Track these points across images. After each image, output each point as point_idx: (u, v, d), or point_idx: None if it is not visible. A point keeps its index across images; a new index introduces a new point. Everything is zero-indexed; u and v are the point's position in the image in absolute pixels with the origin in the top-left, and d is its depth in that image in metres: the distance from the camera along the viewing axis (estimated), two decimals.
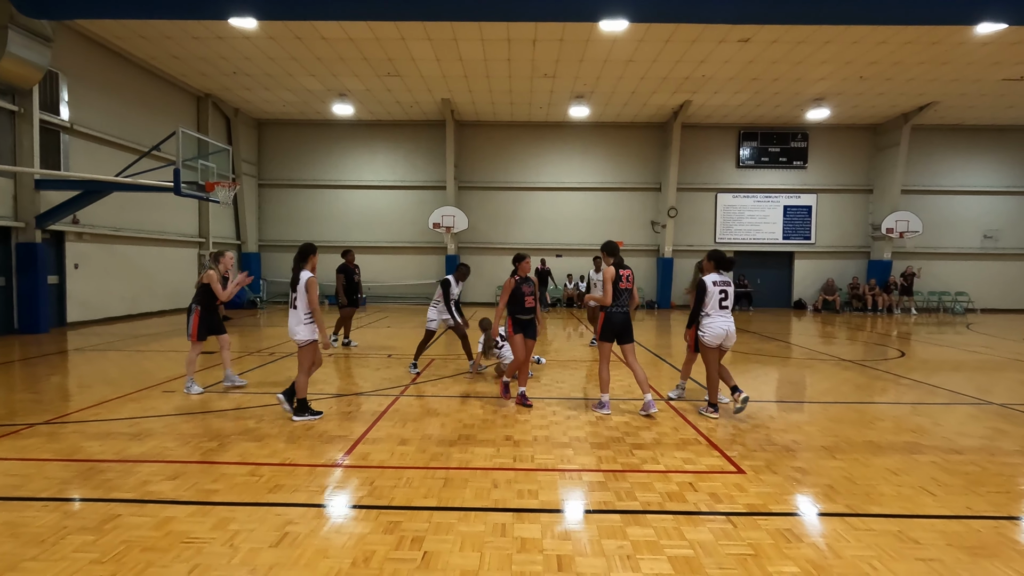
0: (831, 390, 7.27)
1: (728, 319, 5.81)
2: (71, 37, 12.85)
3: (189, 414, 5.74)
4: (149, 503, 3.60)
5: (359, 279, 10.45)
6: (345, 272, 10.18)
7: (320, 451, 4.64)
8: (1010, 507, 3.72)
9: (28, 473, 4.10)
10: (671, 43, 13.43)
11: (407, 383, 7.32)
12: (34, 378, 7.47)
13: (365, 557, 2.97)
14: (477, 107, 18.94)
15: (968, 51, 13.65)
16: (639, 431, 5.30)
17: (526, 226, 21.11)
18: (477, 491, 3.86)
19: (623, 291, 5.88)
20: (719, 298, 5.77)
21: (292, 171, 21.10)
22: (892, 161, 19.72)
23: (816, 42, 13.26)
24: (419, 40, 13.45)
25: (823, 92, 16.83)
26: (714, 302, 5.77)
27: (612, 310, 5.84)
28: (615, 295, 5.83)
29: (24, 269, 11.63)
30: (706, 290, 5.78)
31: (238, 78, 16.20)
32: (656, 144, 20.78)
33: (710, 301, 5.79)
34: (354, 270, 10.32)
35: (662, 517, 3.48)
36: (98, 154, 13.69)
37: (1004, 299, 20.81)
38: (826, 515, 3.56)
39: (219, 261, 6.84)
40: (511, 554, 3.02)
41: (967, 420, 5.85)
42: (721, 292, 5.77)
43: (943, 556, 3.05)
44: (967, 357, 10.14)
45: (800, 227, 21.06)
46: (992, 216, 20.74)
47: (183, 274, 17.32)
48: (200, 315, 6.64)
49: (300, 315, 5.53)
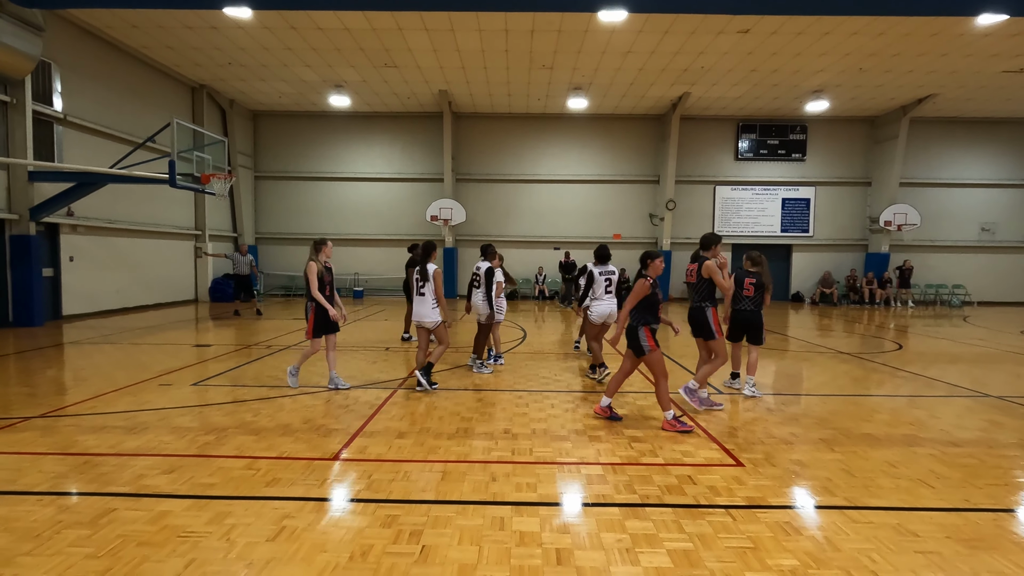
0: (829, 383, 7.28)
1: (612, 303, 7.02)
2: (63, 27, 12.69)
3: (185, 407, 5.71)
4: (145, 497, 3.57)
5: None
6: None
7: (318, 444, 4.62)
8: (1008, 499, 3.73)
9: (23, 467, 4.07)
10: (670, 34, 13.34)
11: (405, 376, 7.30)
12: (29, 371, 7.43)
13: (363, 551, 2.95)
14: (475, 99, 18.82)
15: (967, 43, 13.59)
16: (637, 424, 5.30)
17: (524, 219, 21.06)
18: (475, 484, 3.84)
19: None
20: (604, 285, 7.00)
21: (288, 163, 20.97)
22: (890, 153, 19.70)
23: (815, 33, 13.18)
24: (416, 31, 13.33)
25: (822, 84, 16.76)
26: (601, 289, 6.98)
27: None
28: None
29: (18, 262, 11.55)
30: (594, 279, 6.98)
31: (233, 68, 16.05)
32: (654, 136, 20.70)
33: (598, 288, 7.00)
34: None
35: (661, 510, 3.47)
36: (92, 145, 13.56)
37: (1001, 292, 20.88)
38: (825, 508, 3.55)
39: (320, 250, 6.23)
40: (510, 547, 3.01)
41: (965, 413, 5.87)
42: (606, 280, 7.02)
43: (941, 548, 3.05)
44: (964, 350, 10.17)
45: (798, 220, 21.05)
46: (989, 209, 20.76)
47: (179, 267, 17.25)
48: (316, 310, 6.15)
49: (429, 302, 6.40)
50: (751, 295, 6.26)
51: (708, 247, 5.98)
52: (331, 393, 6.38)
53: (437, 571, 2.78)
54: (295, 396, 6.20)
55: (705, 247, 6.00)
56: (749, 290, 6.26)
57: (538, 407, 5.87)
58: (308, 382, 6.88)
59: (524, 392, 6.53)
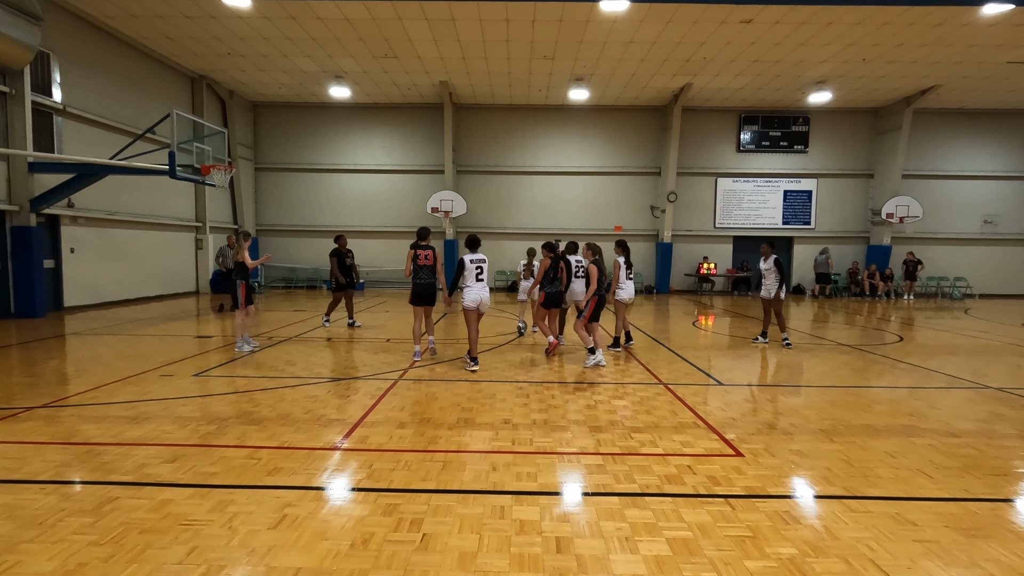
0: (828, 374, 7.28)
1: (484, 290, 7.38)
2: (61, 16, 12.61)
3: (187, 398, 5.73)
4: (147, 486, 3.59)
5: (352, 262, 11.06)
6: (338, 256, 10.78)
7: (318, 434, 4.64)
8: (1006, 489, 3.74)
9: (26, 456, 4.09)
10: (672, 24, 13.24)
11: (405, 367, 7.32)
12: (31, 362, 7.45)
13: (364, 539, 2.97)
14: (475, 90, 18.71)
15: (972, 33, 13.48)
16: (637, 415, 5.31)
17: (524, 210, 21.00)
18: (476, 474, 3.86)
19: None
20: (475, 273, 7.33)
21: (288, 155, 20.90)
22: (893, 145, 19.60)
23: (818, 23, 13.08)
24: (416, 20, 13.23)
25: (825, 75, 16.65)
26: (472, 277, 7.33)
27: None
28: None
29: (19, 253, 11.55)
30: (464, 266, 7.30)
31: (232, 59, 15.96)
32: (656, 128, 20.60)
33: (469, 276, 7.31)
34: (346, 254, 10.92)
35: (660, 499, 3.48)
36: (91, 136, 13.52)
37: (1003, 284, 20.84)
38: (824, 497, 3.57)
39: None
40: (510, 536, 3.03)
41: (964, 404, 5.88)
42: (477, 268, 7.35)
43: (940, 537, 3.06)
44: (965, 342, 10.17)
45: (800, 212, 20.99)
46: (992, 201, 20.68)
47: (180, 258, 17.25)
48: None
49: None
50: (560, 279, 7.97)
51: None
52: (331, 384, 6.40)
53: (437, 559, 2.80)
54: (296, 386, 6.22)
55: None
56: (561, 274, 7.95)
57: (538, 398, 5.89)
58: (308, 374, 6.91)
59: (525, 383, 6.54)
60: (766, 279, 9.35)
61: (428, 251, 7.56)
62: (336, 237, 10.99)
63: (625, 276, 8.68)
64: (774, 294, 9.21)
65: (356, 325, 10.98)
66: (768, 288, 9.30)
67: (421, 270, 7.55)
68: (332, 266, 10.71)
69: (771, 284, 9.23)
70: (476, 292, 7.28)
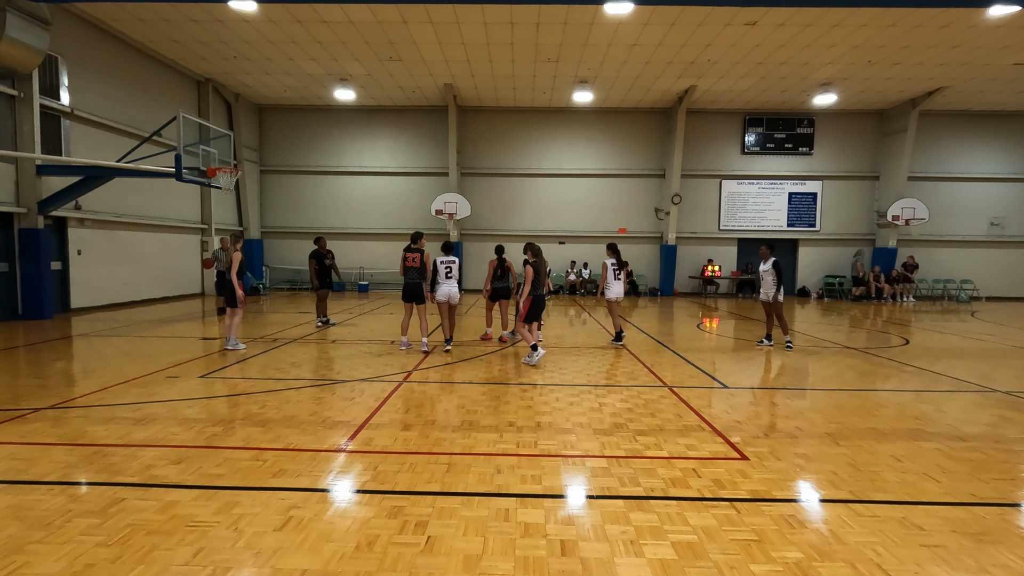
0: (834, 377, 7.25)
1: (453, 286, 8.58)
2: (70, 21, 12.72)
3: (192, 399, 5.75)
4: (153, 487, 3.61)
5: (331, 263, 11.47)
6: (317, 257, 11.19)
7: (323, 436, 4.65)
8: (1014, 494, 3.72)
9: (33, 457, 4.12)
10: (676, 26, 13.24)
11: (410, 369, 7.33)
12: (38, 363, 7.50)
13: (369, 541, 2.97)
14: (480, 92, 18.75)
15: (979, 35, 13.43)
16: (642, 417, 5.30)
17: (529, 213, 21.01)
18: (480, 476, 3.86)
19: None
20: (445, 272, 8.50)
21: (294, 157, 21.00)
22: (899, 147, 19.51)
23: (824, 25, 13.05)
24: (421, 23, 13.28)
25: (830, 77, 16.61)
26: (442, 275, 8.48)
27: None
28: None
29: (27, 255, 11.64)
30: (435, 267, 8.47)
31: (238, 62, 16.05)
32: (660, 130, 20.59)
33: (440, 274, 8.49)
34: (326, 255, 11.34)
35: (665, 503, 3.48)
36: (99, 139, 13.62)
37: (1010, 287, 20.71)
38: (829, 501, 3.55)
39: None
40: (515, 539, 3.03)
41: (971, 407, 5.84)
42: (447, 268, 8.52)
43: (947, 542, 3.04)
44: (971, 345, 10.10)
45: (805, 214, 20.92)
46: (998, 203, 20.56)
47: (186, 260, 17.32)
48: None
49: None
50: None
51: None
52: (336, 386, 6.42)
53: (442, 561, 2.80)
54: (301, 388, 6.24)
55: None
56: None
57: (543, 400, 5.89)
58: (314, 376, 6.93)
59: (529, 386, 6.54)
60: (764, 281, 9.36)
61: (416, 254, 8.44)
62: (316, 239, 11.52)
63: (613, 277, 9.32)
64: (772, 296, 9.20)
65: (331, 324, 11.35)
66: (767, 291, 9.30)
67: (409, 271, 8.44)
68: (310, 267, 11.15)
69: (769, 286, 9.23)
70: (446, 288, 8.57)
